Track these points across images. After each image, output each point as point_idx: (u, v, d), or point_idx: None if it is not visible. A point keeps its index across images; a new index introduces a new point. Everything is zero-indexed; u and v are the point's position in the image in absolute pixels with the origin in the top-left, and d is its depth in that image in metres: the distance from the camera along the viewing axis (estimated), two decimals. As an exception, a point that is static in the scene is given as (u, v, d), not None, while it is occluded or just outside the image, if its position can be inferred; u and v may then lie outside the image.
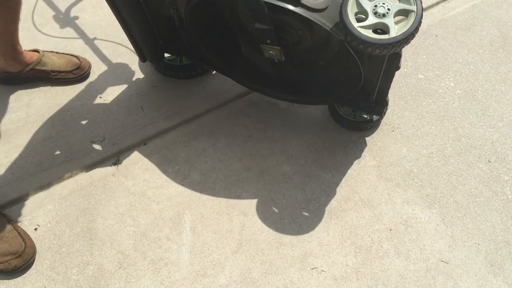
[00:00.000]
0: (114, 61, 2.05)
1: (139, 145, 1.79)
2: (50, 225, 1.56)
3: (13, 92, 1.93)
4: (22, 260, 1.44)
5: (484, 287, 1.48)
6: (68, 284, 1.45)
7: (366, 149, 1.78)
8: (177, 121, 1.86)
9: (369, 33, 1.28)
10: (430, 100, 1.96)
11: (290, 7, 1.32)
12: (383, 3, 1.30)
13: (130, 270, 1.48)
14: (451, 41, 2.19)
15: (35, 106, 1.89)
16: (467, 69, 2.08)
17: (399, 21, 1.31)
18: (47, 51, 1.92)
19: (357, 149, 1.78)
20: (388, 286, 1.47)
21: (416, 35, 1.28)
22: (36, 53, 1.89)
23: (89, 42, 2.13)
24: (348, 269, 1.50)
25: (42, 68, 1.86)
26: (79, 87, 1.97)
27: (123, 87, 1.97)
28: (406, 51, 2.14)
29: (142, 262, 1.50)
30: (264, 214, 1.61)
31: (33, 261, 1.47)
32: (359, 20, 1.30)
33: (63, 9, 2.27)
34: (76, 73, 1.94)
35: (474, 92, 1.99)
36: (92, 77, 2.00)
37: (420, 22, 1.26)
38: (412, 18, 1.27)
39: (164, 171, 1.71)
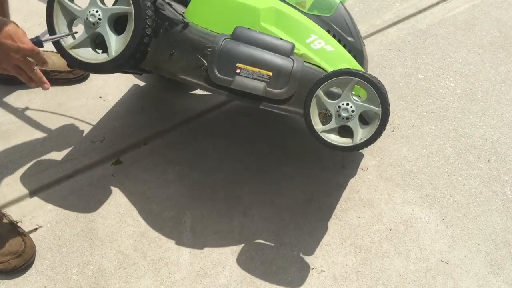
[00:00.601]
0: (114, 61, 2.05)
1: (139, 145, 1.79)
2: (50, 225, 1.56)
3: (13, 92, 1.93)
4: (22, 260, 1.44)
5: (484, 287, 1.48)
6: (68, 284, 1.45)
7: (366, 149, 1.78)
8: (177, 121, 1.86)
9: (332, 136, 1.26)
10: (430, 100, 1.96)
11: (255, 102, 1.31)
12: (347, 104, 1.24)
13: (130, 270, 1.48)
14: (451, 41, 2.19)
15: (35, 106, 1.89)
16: (467, 69, 2.08)
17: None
18: (47, 51, 1.92)
19: (357, 149, 1.78)
20: (388, 286, 1.47)
21: (381, 135, 1.24)
22: None
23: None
24: (348, 269, 1.50)
25: (42, 68, 1.85)
26: (79, 87, 1.97)
27: (123, 87, 1.97)
28: (406, 51, 2.14)
29: (142, 262, 1.50)
30: (264, 214, 1.61)
31: (33, 261, 1.47)
32: (325, 116, 1.29)
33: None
34: (76, 73, 1.93)
35: (474, 92, 1.99)
36: (92, 77, 2.00)
37: (385, 126, 1.22)
38: (376, 122, 1.23)
39: (164, 171, 1.71)
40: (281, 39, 1.32)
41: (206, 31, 1.36)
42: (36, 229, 1.55)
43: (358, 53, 1.46)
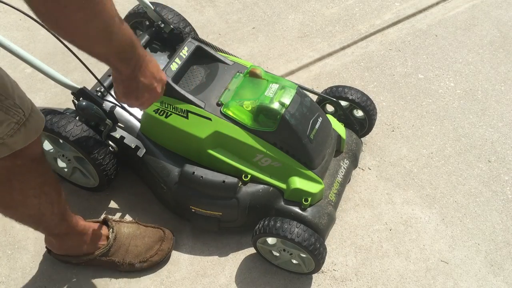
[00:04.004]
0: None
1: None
2: (50, 225, 1.56)
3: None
4: (169, 240, 1.48)
5: (484, 287, 1.48)
6: (68, 284, 1.45)
7: (366, 149, 1.78)
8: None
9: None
10: (430, 100, 1.96)
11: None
12: (283, 250, 1.38)
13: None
14: (451, 41, 2.19)
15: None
16: (467, 69, 2.08)
17: None
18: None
19: (357, 149, 1.78)
20: (388, 286, 1.47)
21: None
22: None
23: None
24: (348, 269, 1.50)
25: None
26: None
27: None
28: (406, 51, 2.14)
29: (142, 262, 1.50)
30: (264, 214, 1.61)
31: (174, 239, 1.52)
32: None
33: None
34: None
35: (474, 92, 1.99)
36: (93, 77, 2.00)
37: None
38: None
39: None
40: (226, 178, 1.34)
41: (159, 167, 1.43)
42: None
43: (314, 153, 1.39)
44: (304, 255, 1.34)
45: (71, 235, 1.34)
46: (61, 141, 1.48)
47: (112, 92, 1.53)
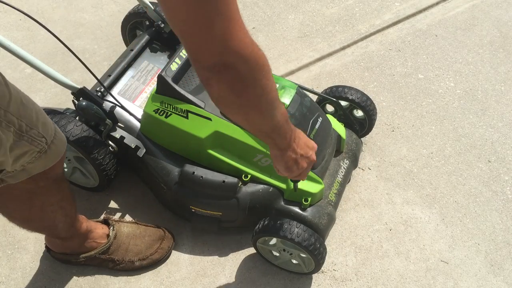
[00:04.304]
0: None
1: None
2: (50, 225, 1.56)
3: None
4: (169, 240, 1.48)
5: (484, 287, 1.48)
6: (68, 284, 1.45)
7: (366, 149, 1.78)
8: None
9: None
10: (430, 100, 1.96)
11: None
12: (283, 250, 1.39)
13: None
14: (451, 41, 2.19)
15: (35, 106, 1.89)
16: (467, 69, 2.08)
17: None
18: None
19: (357, 149, 1.78)
20: (388, 286, 1.47)
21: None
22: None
23: (90, 41, 2.14)
24: (348, 269, 1.50)
25: None
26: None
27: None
28: (406, 51, 2.14)
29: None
30: (264, 214, 1.61)
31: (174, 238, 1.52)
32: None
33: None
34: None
35: (474, 92, 1.99)
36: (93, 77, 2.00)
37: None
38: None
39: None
40: (226, 178, 1.33)
41: (159, 167, 1.42)
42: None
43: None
44: (304, 255, 1.34)
45: (75, 236, 1.35)
46: None
47: (112, 92, 1.53)
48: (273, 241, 1.39)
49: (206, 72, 0.72)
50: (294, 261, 1.42)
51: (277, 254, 1.43)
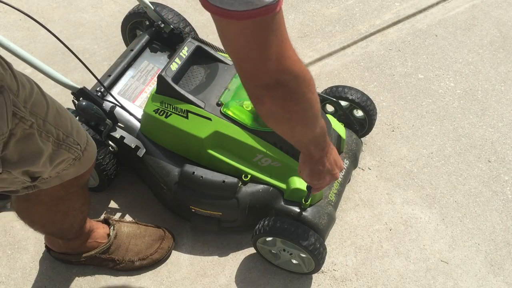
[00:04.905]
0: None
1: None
2: (50, 225, 1.56)
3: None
4: (169, 240, 1.48)
5: (484, 287, 1.48)
6: (68, 284, 1.45)
7: (366, 149, 1.78)
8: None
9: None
10: (430, 100, 1.96)
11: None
12: (283, 250, 1.39)
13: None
14: (451, 41, 2.19)
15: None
16: (467, 69, 2.08)
17: None
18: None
19: (357, 149, 1.78)
20: (388, 286, 1.47)
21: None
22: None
23: (89, 41, 2.14)
24: (348, 269, 1.50)
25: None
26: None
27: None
28: (406, 51, 2.14)
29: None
30: (264, 214, 1.61)
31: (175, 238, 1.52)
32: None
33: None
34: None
35: (474, 92, 1.99)
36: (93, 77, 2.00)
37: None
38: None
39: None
40: (226, 178, 1.34)
41: (159, 167, 1.42)
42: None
43: None
44: (304, 255, 1.34)
45: (79, 236, 1.36)
46: None
47: (112, 92, 1.53)
48: (273, 241, 1.39)
49: (260, 90, 0.74)
50: (294, 261, 1.42)
51: (277, 254, 1.43)
